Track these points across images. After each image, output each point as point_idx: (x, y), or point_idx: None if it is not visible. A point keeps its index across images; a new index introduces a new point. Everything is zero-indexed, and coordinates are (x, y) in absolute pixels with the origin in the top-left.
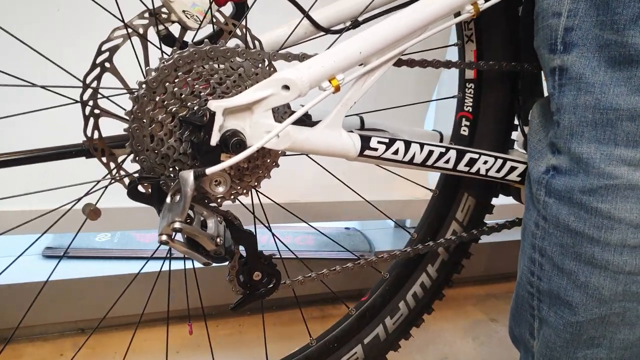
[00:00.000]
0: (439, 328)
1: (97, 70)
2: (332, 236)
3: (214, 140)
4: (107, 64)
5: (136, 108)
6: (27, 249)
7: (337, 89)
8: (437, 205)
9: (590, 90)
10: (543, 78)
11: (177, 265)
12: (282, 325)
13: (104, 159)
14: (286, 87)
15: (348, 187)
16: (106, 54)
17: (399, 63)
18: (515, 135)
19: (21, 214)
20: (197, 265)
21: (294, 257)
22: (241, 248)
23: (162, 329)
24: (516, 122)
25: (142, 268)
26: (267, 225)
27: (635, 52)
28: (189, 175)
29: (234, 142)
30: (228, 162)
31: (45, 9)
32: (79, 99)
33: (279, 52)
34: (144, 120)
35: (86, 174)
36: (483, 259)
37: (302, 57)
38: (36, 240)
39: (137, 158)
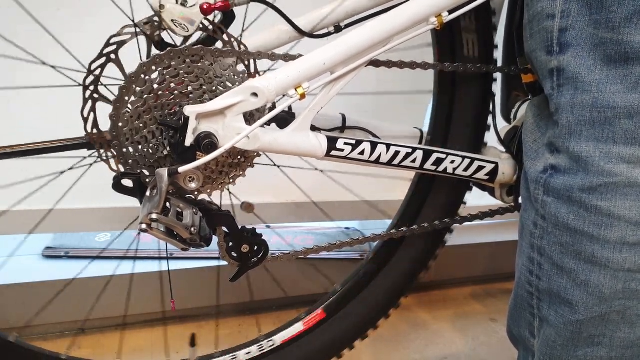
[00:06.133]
0: (438, 328)
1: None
2: (331, 236)
3: (188, 141)
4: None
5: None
6: None
7: (303, 96)
8: None
9: (587, 89)
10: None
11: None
12: None
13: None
14: (255, 95)
15: None
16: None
17: (373, 64)
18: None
19: (21, 214)
20: (198, 265)
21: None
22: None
23: (162, 329)
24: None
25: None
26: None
27: (631, 50)
28: (164, 173)
29: (205, 143)
30: (199, 161)
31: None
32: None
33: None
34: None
35: None
36: (483, 259)
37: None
38: None
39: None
